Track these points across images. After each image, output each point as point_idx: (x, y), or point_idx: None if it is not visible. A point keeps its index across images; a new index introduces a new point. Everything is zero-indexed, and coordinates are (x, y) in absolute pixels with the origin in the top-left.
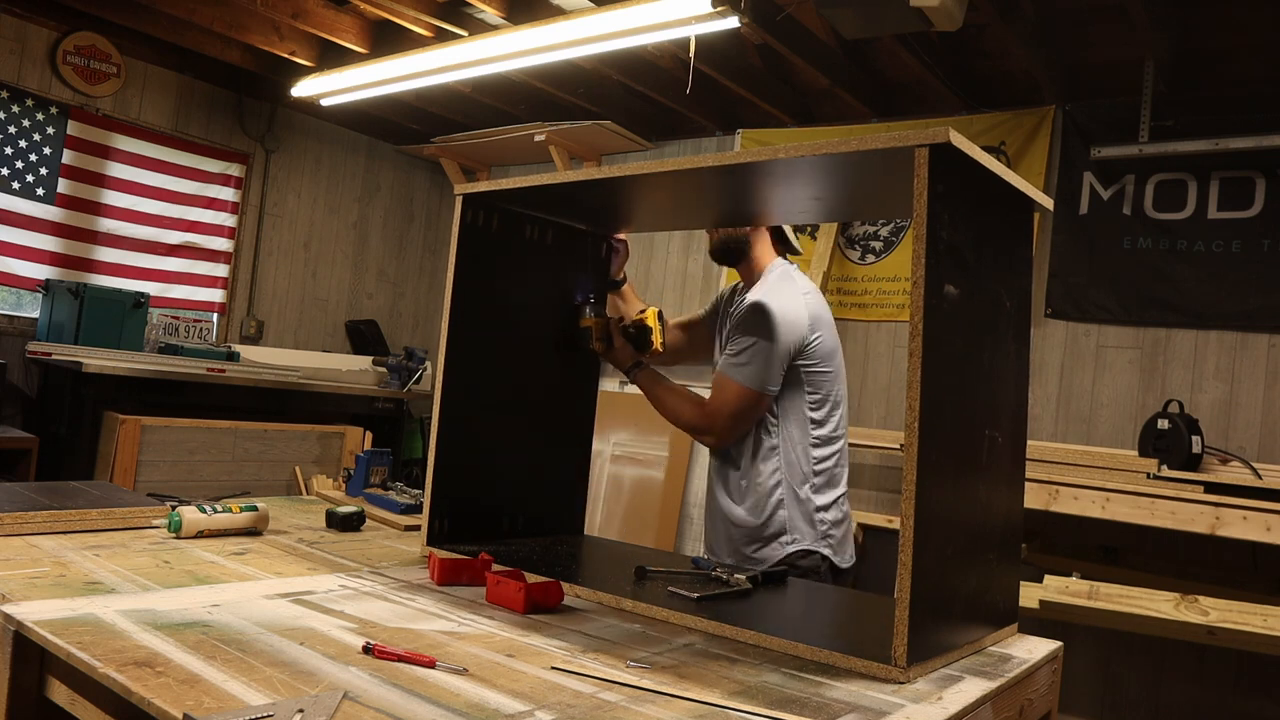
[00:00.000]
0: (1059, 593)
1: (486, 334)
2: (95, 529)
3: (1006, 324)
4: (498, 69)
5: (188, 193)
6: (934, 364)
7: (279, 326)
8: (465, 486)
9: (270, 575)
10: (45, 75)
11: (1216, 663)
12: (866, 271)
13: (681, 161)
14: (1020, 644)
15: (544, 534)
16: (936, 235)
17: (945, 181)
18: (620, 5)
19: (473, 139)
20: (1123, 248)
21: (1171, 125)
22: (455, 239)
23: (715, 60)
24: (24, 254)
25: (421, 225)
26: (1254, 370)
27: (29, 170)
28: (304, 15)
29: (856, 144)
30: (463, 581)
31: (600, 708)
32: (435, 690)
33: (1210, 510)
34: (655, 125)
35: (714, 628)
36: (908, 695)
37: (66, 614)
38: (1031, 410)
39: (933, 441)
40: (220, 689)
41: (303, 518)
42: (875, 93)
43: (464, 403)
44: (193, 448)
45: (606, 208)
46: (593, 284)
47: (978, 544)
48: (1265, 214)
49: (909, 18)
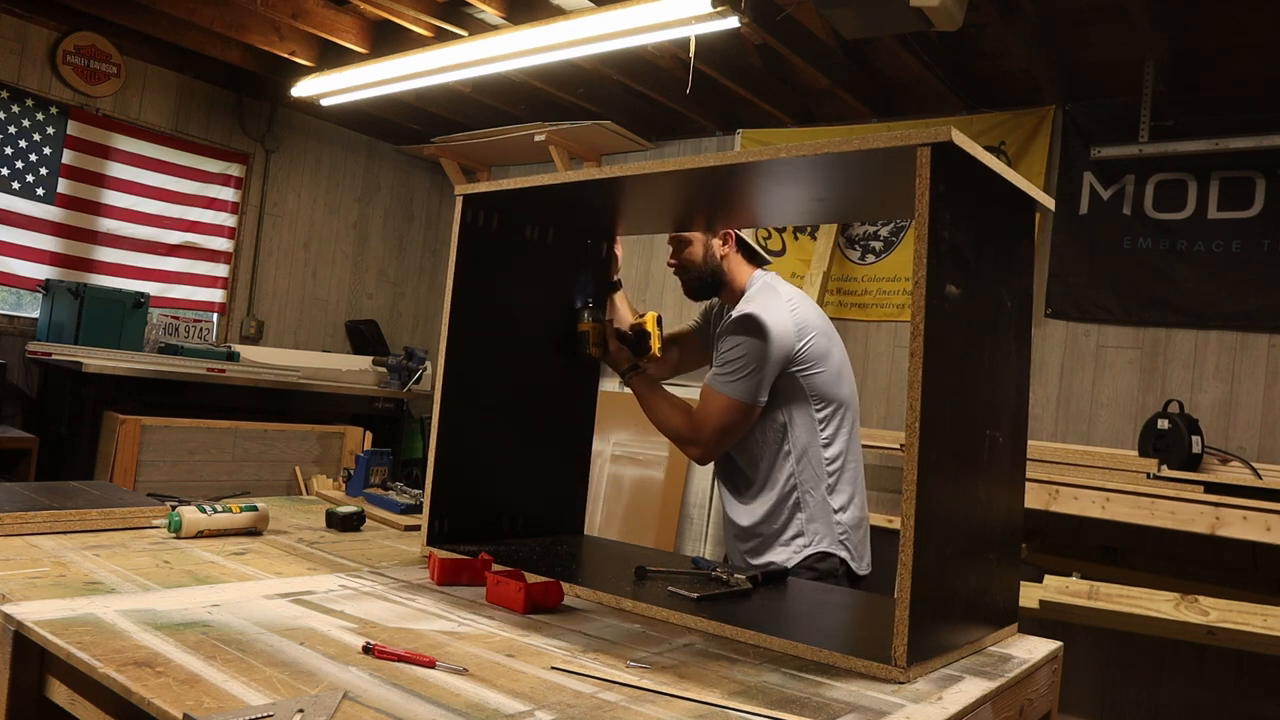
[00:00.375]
0: (1059, 593)
1: (486, 334)
2: (95, 529)
3: (1007, 324)
4: (498, 69)
5: (188, 193)
6: (935, 364)
7: (279, 326)
8: (465, 486)
9: (270, 575)
10: (45, 75)
11: (1216, 663)
12: (866, 271)
13: (682, 162)
14: (1020, 644)
15: (544, 534)
16: (938, 235)
17: (947, 181)
18: (620, 5)
19: (473, 139)
20: (1123, 248)
21: (1171, 125)
22: (455, 239)
23: (715, 60)
24: (24, 254)
25: (421, 225)
26: (1254, 370)
27: (29, 170)
28: (304, 15)
29: (857, 144)
30: (463, 581)
31: (600, 708)
32: (435, 690)
33: (1210, 510)
34: (655, 125)
35: (714, 628)
36: (908, 695)
37: (66, 614)
38: (1031, 410)
39: (933, 441)
40: (220, 689)
41: (303, 518)
42: (875, 93)
43: (464, 403)
44: (193, 448)
45: (607, 208)
46: (592, 286)
47: (978, 544)
48: (1265, 214)
49: (909, 18)
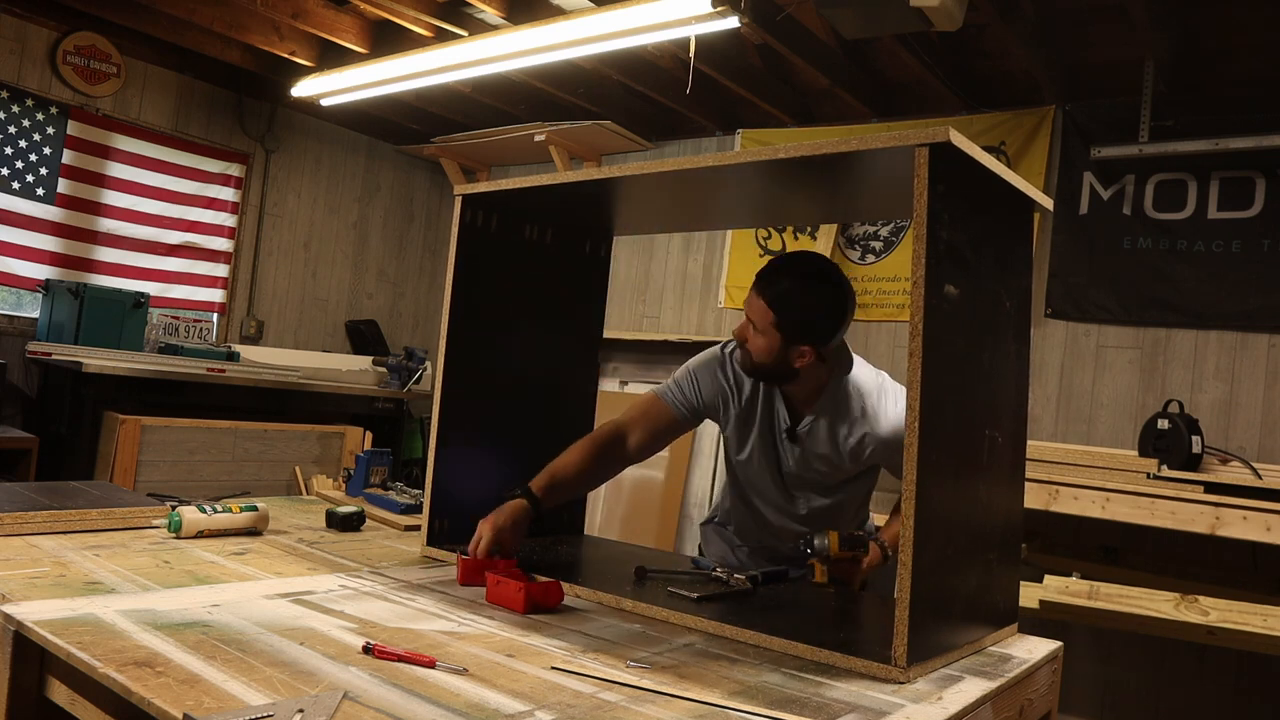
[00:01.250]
0: (1059, 593)
1: (486, 334)
2: (95, 529)
3: (1007, 324)
4: (498, 69)
5: (188, 193)
6: (934, 364)
7: (279, 326)
8: (465, 486)
9: (270, 575)
10: (45, 75)
11: (1216, 663)
12: (866, 271)
13: (681, 162)
14: (1020, 644)
15: (544, 534)
16: (937, 235)
17: (945, 181)
18: (620, 5)
19: (473, 139)
20: (1123, 248)
21: (1171, 125)
22: (454, 239)
23: (715, 60)
24: (24, 254)
25: (421, 225)
26: (1254, 370)
27: (29, 170)
28: (304, 15)
29: (855, 144)
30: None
31: (600, 708)
32: (435, 690)
33: (1210, 510)
34: (655, 125)
35: (714, 628)
36: (908, 695)
37: (66, 614)
38: (1031, 410)
39: (933, 441)
40: (220, 689)
41: (303, 518)
42: (875, 93)
43: (463, 403)
44: (193, 448)
45: (606, 208)
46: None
47: (978, 544)
48: (1265, 214)
49: (909, 18)
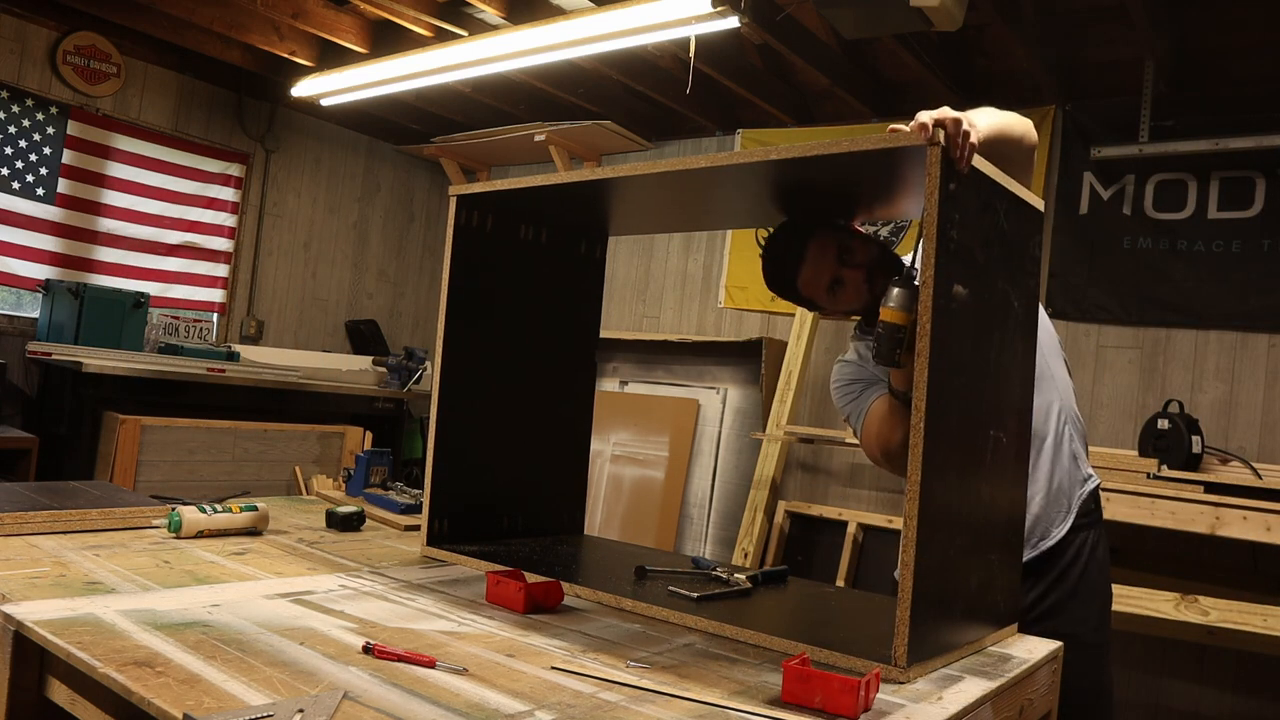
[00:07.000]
0: None
1: (484, 334)
2: (95, 529)
3: (1014, 324)
4: (498, 69)
5: (188, 193)
6: (940, 364)
7: (279, 326)
8: (465, 486)
9: (270, 575)
10: (45, 75)
11: (1216, 663)
12: None
13: (680, 162)
14: (1020, 644)
15: (544, 534)
16: (946, 235)
17: (956, 180)
18: (620, 5)
19: (473, 139)
20: (1123, 248)
21: (1171, 125)
22: (450, 240)
23: (715, 60)
24: (24, 254)
25: (421, 225)
26: (1254, 370)
27: (29, 170)
28: (304, 15)
29: (850, 145)
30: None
31: (600, 708)
32: (435, 690)
33: (1210, 510)
34: (655, 125)
35: (714, 628)
36: (908, 695)
37: (66, 614)
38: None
39: (937, 441)
40: (220, 689)
41: (303, 518)
42: (875, 93)
43: (462, 403)
44: (193, 448)
45: (602, 208)
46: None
47: (980, 544)
48: (1265, 214)
49: (909, 18)
